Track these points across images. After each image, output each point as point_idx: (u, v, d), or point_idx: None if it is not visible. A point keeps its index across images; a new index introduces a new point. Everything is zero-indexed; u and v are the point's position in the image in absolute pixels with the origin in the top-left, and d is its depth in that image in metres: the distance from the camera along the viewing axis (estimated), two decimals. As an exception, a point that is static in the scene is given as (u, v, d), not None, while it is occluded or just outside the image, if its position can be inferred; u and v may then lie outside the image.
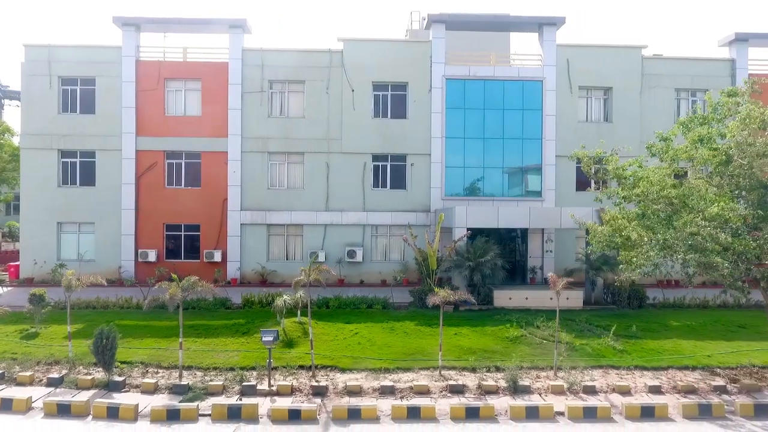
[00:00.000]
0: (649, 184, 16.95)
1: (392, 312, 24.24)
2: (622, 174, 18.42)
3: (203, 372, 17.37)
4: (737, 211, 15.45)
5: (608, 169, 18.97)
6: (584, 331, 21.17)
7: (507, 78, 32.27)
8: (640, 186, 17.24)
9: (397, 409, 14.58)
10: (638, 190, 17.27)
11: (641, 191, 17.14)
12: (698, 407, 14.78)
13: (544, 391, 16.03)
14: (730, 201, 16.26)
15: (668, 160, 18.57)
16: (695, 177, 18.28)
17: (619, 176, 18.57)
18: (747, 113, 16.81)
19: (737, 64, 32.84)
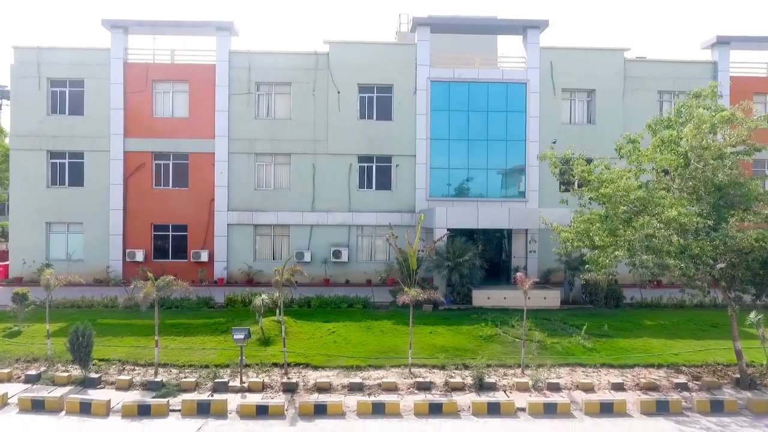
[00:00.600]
0: (613, 187, 17.29)
1: (372, 311, 24.62)
2: (587, 176, 18.76)
3: (178, 369, 17.74)
4: (693, 216, 15.79)
5: (574, 172, 19.31)
6: (558, 330, 21.52)
7: (491, 80, 32.64)
8: (604, 188, 17.58)
9: (362, 404, 14.95)
10: (603, 191, 17.62)
11: (604, 193, 17.49)
12: (656, 404, 15.13)
13: (510, 388, 16.38)
14: (688, 204, 16.61)
15: (635, 162, 18.91)
16: (657, 180, 18.60)
17: (583, 178, 18.91)
18: (699, 117, 17.15)
19: (719, 66, 33.22)
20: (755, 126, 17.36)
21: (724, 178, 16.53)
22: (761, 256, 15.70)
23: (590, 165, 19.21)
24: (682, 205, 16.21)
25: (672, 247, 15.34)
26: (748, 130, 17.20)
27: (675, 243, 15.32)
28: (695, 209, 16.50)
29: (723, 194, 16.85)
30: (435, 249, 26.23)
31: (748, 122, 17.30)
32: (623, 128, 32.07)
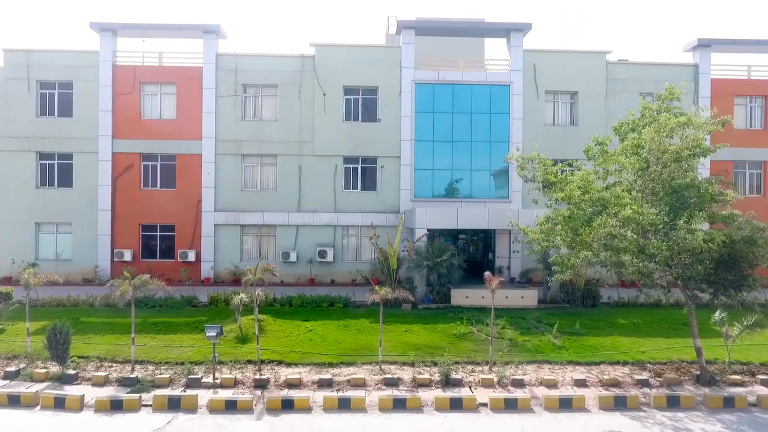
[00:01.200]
0: (575, 188, 17.71)
1: (352, 310, 25.04)
2: (550, 178, 19.18)
3: (155, 366, 18.18)
4: (649, 215, 16.20)
5: (537, 173, 19.72)
6: (531, 328, 21.94)
7: (475, 82, 33.06)
8: (566, 190, 18.01)
9: (329, 399, 15.39)
10: (563, 194, 18.05)
11: (566, 194, 17.91)
12: (614, 399, 15.56)
13: (475, 385, 16.81)
14: (648, 205, 17.02)
15: (601, 165, 19.31)
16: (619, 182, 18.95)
17: (546, 180, 19.32)
18: (658, 122, 17.56)
19: (700, 69, 33.63)
20: (711, 130, 17.73)
21: (681, 180, 16.92)
22: (711, 257, 16.11)
23: (556, 166, 19.61)
24: (640, 205, 16.60)
25: (628, 245, 15.75)
26: (704, 134, 17.55)
27: (630, 240, 15.73)
28: (654, 210, 16.90)
29: (679, 196, 17.25)
30: (414, 249, 26.76)
31: (705, 126, 17.66)
32: (605, 130, 32.47)
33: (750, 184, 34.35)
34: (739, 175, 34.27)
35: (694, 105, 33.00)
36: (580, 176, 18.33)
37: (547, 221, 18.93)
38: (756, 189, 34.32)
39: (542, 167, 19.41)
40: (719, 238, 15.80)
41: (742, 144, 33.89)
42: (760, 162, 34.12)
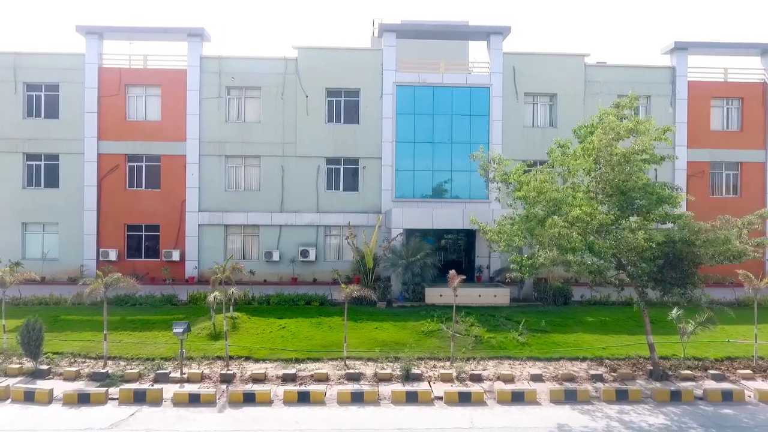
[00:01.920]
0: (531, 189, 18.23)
1: (328, 308, 25.56)
2: (507, 178, 19.70)
3: (126, 362, 18.74)
4: (597, 215, 16.72)
5: (496, 174, 20.22)
6: (499, 325, 22.46)
7: (455, 84, 33.59)
8: (523, 190, 18.53)
9: (289, 393, 15.95)
10: (521, 193, 18.58)
11: (523, 194, 18.44)
12: (564, 393, 16.10)
13: (435, 379, 17.35)
14: (597, 204, 17.55)
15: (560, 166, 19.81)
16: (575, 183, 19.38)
17: (504, 180, 19.84)
18: (606, 125, 18.07)
19: (677, 71, 34.13)
20: (656, 137, 18.20)
21: (628, 182, 17.40)
22: (652, 255, 16.63)
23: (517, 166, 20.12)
24: (591, 206, 17.12)
25: (576, 244, 16.28)
26: (650, 140, 18.02)
27: (577, 240, 16.26)
28: (604, 210, 17.41)
29: (627, 197, 17.74)
30: (390, 248, 27.29)
31: (651, 133, 18.12)
32: (584, 131, 33.17)
33: (727, 185, 34.85)
34: (716, 176, 34.80)
35: (671, 107, 33.71)
36: (533, 176, 18.84)
37: (505, 221, 19.47)
38: (733, 190, 34.82)
39: (501, 167, 19.91)
40: (658, 237, 16.31)
41: (719, 145, 34.49)
42: (737, 163, 34.61)
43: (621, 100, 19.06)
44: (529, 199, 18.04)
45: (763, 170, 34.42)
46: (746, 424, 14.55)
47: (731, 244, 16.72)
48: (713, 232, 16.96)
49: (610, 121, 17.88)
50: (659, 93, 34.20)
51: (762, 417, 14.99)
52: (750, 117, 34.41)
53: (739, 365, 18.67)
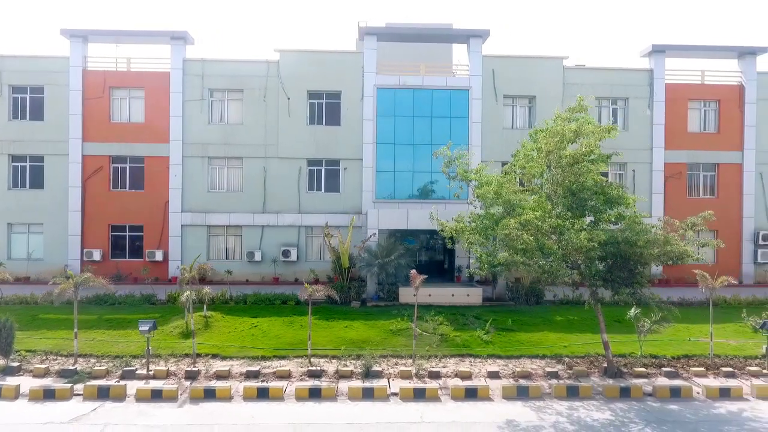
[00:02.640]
0: (488, 189, 18.67)
1: (303, 307, 25.64)
2: (466, 177, 20.13)
3: (97, 359, 19.19)
4: (546, 218, 17.15)
5: (457, 172, 20.65)
6: (468, 324, 22.89)
7: (435, 87, 34.01)
8: (483, 189, 18.98)
9: (249, 389, 16.39)
10: (480, 191, 19.03)
11: (482, 193, 18.89)
12: (517, 389, 16.52)
13: (394, 376, 17.77)
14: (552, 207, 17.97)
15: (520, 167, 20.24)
16: (528, 184, 19.83)
17: (464, 179, 20.25)
18: (553, 129, 18.50)
19: (655, 73, 34.52)
20: (601, 137, 18.59)
21: (576, 183, 17.82)
22: (596, 255, 17.05)
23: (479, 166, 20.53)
24: (543, 208, 17.55)
25: (527, 246, 16.71)
26: (596, 141, 18.41)
27: (528, 242, 16.69)
28: (557, 211, 17.84)
29: (575, 198, 18.15)
30: (365, 249, 27.73)
31: (595, 134, 18.48)
32: (562, 133, 33.62)
33: (704, 186, 35.25)
34: (693, 177, 35.19)
35: (649, 109, 34.14)
36: (492, 177, 19.28)
37: (461, 218, 19.95)
38: (710, 191, 35.22)
39: (461, 166, 20.33)
40: (600, 237, 16.71)
41: (696, 147, 34.90)
42: (714, 164, 34.99)
43: (573, 105, 19.38)
44: (487, 199, 18.47)
45: (739, 171, 34.80)
46: (688, 419, 14.96)
47: (672, 245, 17.10)
48: (653, 234, 17.32)
49: (556, 124, 18.29)
50: (637, 95, 34.61)
51: (704, 412, 15.41)
52: (727, 119, 34.80)
53: (695, 363, 19.08)
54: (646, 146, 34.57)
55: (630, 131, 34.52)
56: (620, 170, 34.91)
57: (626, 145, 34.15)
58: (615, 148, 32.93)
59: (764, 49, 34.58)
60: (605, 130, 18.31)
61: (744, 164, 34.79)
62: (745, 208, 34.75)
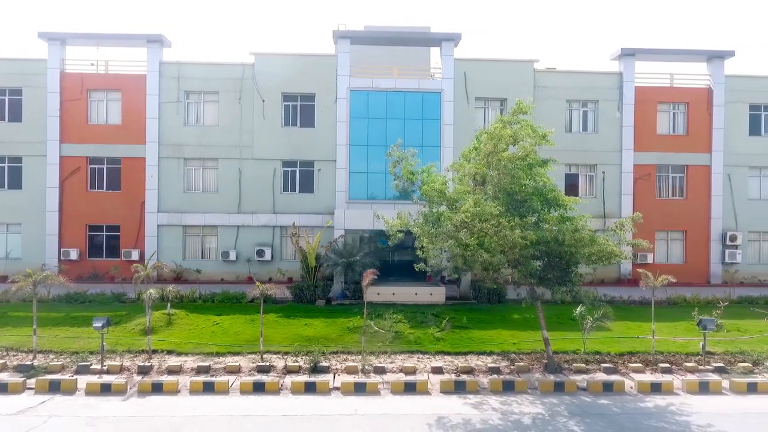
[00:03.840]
0: (430, 189, 19.23)
1: (270, 306, 26.45)
2: (411, 177, 20.66)
3: (56, 355, 19.74)
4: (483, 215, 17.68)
5: (402, 173, 21.18)
6: (425, 322, 23.41)
7: (408, 89, 34.54)
8: (428, 186, 19.55)
9: (195, 384, 16.94)
10: (426, 188, 19.60)
11: (427, 190, 19.46)
12: (454, 383, 17.06)
13: (341, 371, 18.31)
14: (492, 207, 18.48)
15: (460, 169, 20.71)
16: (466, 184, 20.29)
17: (408, 178, 20.77)
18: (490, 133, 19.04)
19: (625, 77, 35.02)
20: (536, 142, 19.10)
21: (512, 184, 18.32)
22: (530, 253, 17.57)
23: (427, 166, 21.05)
24: (481, 207, 18.07)
25: (468, 244, 17.29)
26: (532, 145, 18.92)
27: (460, 237, 17.26)
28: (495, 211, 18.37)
29: (511, 199, 18.66)
30: (332, 248, 28.28)
31: (531, 138, 18.98)
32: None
33: (673, 187, 35.73)
34: (662, 178, 35.68)
35: (618, 111, 34.67)
36: (434, 177, 19.82)
37: (402, 215, 20.53)
38: (679, 192, 35.71)
39: (406, 166, 20.86)
40: (531, 237, 17.23)
41: (666, 149, 35.40)
42: (683, 166, 35.49)
43: (513, 108, 19.84)
44: (432, 198, 19.05)
45: (708, 173, 35.30)
46: (612, 412, 15.48)
47: (599, 245, 17.61)
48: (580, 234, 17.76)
49: (495, 128, 18.83)
50: (607, 98, 35.13)
51: (631, 406, 15.93)
52: (696, 121, 35.31)
53: (636, 359, 19.60)
54: (616, 148, 35.06)
55: (600, 133, 35.07)
56: (590, 172, 35.41)
57: (596, 147, 34.91)
58: (587, 150, 34.10)
59: (732, 53, 35.08)
60: (540, 136, 18.81)
61: (712, 166, 35.28)
62: (714, 209, 35.23)
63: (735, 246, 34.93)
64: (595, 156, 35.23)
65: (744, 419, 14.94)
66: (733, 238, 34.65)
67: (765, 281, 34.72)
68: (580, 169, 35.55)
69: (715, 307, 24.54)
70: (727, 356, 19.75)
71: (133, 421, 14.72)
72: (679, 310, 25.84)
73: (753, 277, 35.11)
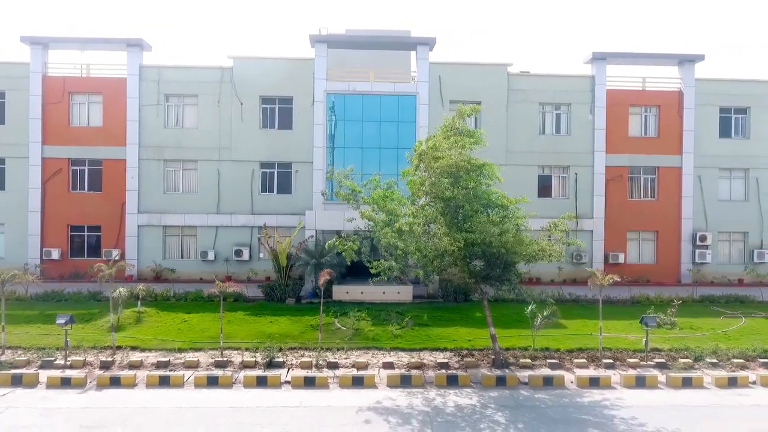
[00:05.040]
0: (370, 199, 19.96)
1: (241, 304, 27.20)
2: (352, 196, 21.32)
3: (24, 350, 20.40)
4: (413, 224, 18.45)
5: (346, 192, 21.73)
6: (388, 320, 24.06)
7: (383, 93, 35.23)
8: (372, 197, 20.24)
9: (151, 378, 17.62)
10: (368, 199, 20.28)
11: (372, 200, 20.14)
12: (400, 377, 17.71)
13: (295, 366, 18.98)
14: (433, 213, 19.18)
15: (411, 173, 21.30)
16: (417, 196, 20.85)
17: (347, 199, 21.36)
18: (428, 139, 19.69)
19: (597, 80, 35.68)
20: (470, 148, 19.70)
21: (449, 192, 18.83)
22: (459, 255, 18.23)
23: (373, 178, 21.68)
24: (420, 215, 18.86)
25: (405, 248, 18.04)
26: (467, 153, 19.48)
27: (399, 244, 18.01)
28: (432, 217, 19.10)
29: (446, 205, 19.18)
30: (303, 248, 28.96)
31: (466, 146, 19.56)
32: (506, 137, 35.00)
33: (645, 188, 36.38)
34: (634, 180, 36.33)
35: (591, 114, 35.33)
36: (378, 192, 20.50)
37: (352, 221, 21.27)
38: (650, 193, 36.35)
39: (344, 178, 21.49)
40: (459, 242, 17.85)
41: (637, 150, 36.06)
42: (655, 167, 36.13)
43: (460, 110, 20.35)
44: (377, 204, 19.74)
45: (679, 174, 35.93)
46: (545, 404, 16.12)
47: (526, 245, 18.24)
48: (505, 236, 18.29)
49: (436, 136, 19.46)
50: (579, 101, 35.78)
51: (566, 400, 16.57)
52: (667, 124, 35.95)
53: (583, 355, 20.20)
54: (588, 150, 35.70)
55: (573, 135, 35.73)
56: (563, 173, 36.05)
57: (569, 148, 35.56)
58: (559, 152, 34.72)
59: (702, 56, 35.72)
60: (474, 141, 19.41)
61: (683, 168, 35.93)
62: (684, 210, 35.87)
63: (705, 246, 35.56)
64: (567, 158, 35.88)
65: (669, 411, 15.57)
66: (703, 239, 35.27)
67: (734, 281, 35.30)
68: (554, 171, 36.19)
69: (671, 306, 25.17)
70: (672, 353, 20.37)
71: (86, 412, 15.39)
72: (640, 308, 26.38)
73: (723, 277, 35.71)
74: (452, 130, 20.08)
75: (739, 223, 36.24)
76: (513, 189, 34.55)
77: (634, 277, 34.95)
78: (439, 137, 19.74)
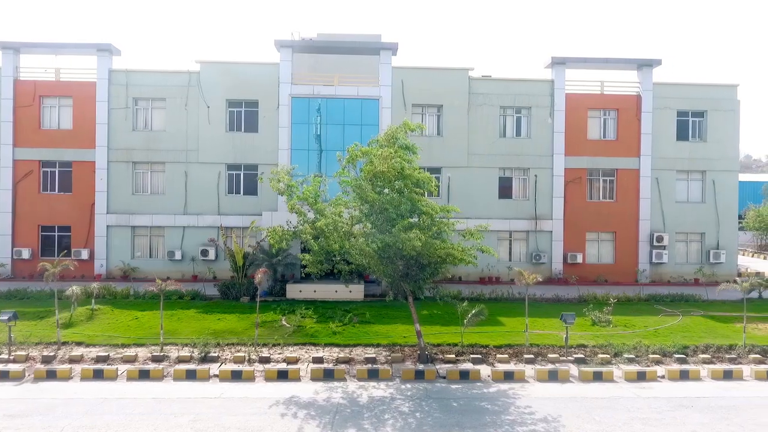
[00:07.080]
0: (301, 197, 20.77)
1: (197, 302, 28.07)
2: (294, 189, 22.08)
3: (-27, 346, 21.25)
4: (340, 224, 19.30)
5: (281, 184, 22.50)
6: (333, 317, 24.87)
7: (347, 96, 36.05)
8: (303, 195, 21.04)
9: (86, 371, 18.45)
10: (303, 197, 21.08)
11: (303, 198, 20.95)
12: (323, 371, 18.51)
13: (229, 361, 19.79)
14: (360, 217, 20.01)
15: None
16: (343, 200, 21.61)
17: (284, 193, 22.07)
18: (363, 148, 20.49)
19: (556, 84, 36.46)
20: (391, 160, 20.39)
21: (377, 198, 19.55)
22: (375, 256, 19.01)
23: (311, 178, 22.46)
24: (359, 219, 19.67)
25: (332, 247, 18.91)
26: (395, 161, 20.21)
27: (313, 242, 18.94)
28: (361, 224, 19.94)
29: (370, 208, 19.95)
30: (259, 248, 29.78)
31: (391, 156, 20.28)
32: (468, 139, 35.79)
33: (603, 190, 37.14)
34: (593, 182, 37.09)
35: (550, 118, 36.10)
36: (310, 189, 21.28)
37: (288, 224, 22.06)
38: (609, 194, 37.12)
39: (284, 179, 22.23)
40: (373, 245, 18.62)
41: (596, 153, 36.82)
42: (613, 170, 36.90)
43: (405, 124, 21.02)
44: (308, 202, 20.57)
45: (637, 176, 36.70)
46: (453, 396, 16.92)
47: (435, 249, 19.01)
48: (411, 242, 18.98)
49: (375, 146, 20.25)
50: (539, 104, 36.55)
51: (475, 392, 17.35)
52: (625, 127, 36.72)
53: (510, 351, 20.97)
54: (548, 153, 36.47)
55: (533, 138, 36.50)
56: (524, 175, 36.82)
57: (529, 151, 36.34)
58: (520, 154, 35.44)
59: (659, 61, 36.46)
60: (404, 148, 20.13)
61: (641, 170, 36.70)
62: (642, 211, 36.63)
63: (662, 246, 36.32)
64: (528, 160, 36.65)
65: (567, 402, 16.35)
66: (660, 239, 36.03)
67: (690, 280, 36.03)
68: (514, 173, 36.96)
69: (607, 305, 25.96)
70: (595, 348, 21.13)
71: (15, 402, 16.22)
72: (584, 306, 27.14)
73: (680, 277, 36.47)
74: (392, 140, 20.75)
75: (696, 223, 36.98)
76: (474, 190, 35.73)
77: (593, 277, 35.78)
78: (381, 141, 20.46)
